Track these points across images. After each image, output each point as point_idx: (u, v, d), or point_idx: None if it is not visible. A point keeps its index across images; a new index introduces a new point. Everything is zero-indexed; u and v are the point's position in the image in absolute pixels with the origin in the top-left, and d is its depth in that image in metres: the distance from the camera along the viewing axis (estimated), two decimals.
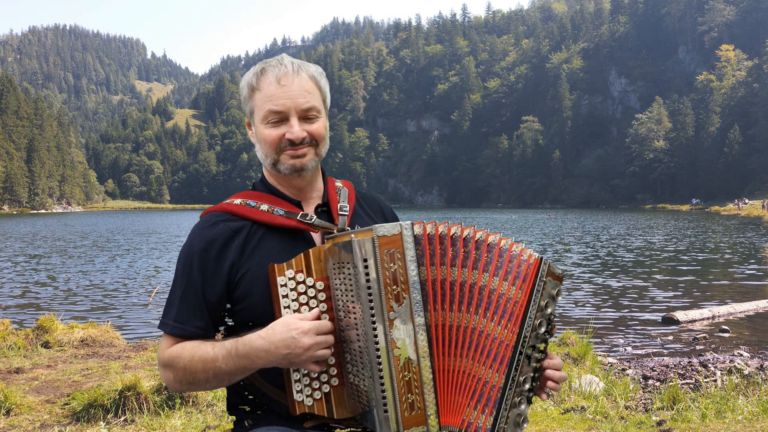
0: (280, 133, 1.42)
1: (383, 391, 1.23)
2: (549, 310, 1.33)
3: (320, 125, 1.45)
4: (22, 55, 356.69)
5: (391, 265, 1.23)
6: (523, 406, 1.32)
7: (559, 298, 1.35)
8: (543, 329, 1.33)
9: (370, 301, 1.22)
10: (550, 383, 1.38)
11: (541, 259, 1.31)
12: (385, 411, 1.23)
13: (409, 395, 1.24)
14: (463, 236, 1.31)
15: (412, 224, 1.27)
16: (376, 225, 1.24)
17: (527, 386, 1.32)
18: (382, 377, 1.23)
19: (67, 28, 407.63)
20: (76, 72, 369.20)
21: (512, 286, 1.29)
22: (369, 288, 1.22)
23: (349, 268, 1.27)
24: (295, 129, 1.41)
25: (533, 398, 1.35)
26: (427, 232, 1.28)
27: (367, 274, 1.22)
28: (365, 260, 1.22)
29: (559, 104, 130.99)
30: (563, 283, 1.38)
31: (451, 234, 1.30)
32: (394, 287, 1.23)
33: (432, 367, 1.26)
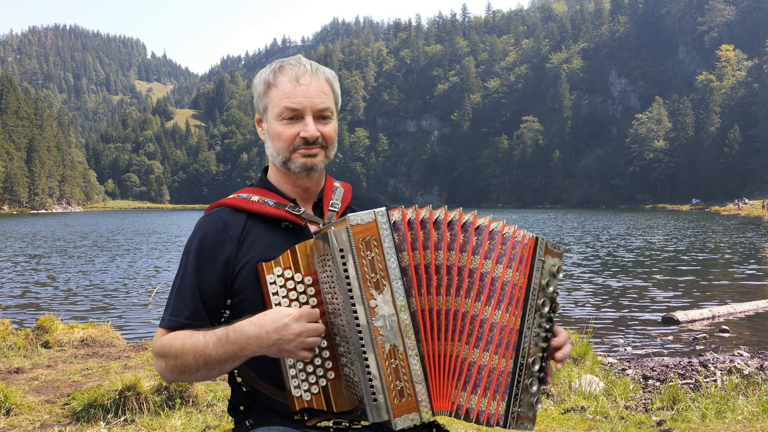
0: (295, 132, 1.44)
1: (370, 380, 1.22)
2: (551, 289, 1.33)
3: (332, 128, 1.48)
4: (22, 55, 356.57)
5: (368, 253, 1.22)
6: (534, 388, 1.33)
7: (560, 275, 1.36)
8: (547, 308, 1.33)
9: (350, 290, 1.22)
10: (556, 364, 1.40)
11: (537, 238, 1.32)
12: (375, 399, 1.22)
13: (398, 382, 1.23)
14: (448, 220, 1.31)
15: (387, 210, 1.26)
16: (350, 214, 1.24)
17: (537, 367, 1.33)
18: (368, 366, 1.22)
19: (67, 28, 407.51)
20: (76, 72, 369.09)
21: (508, 269, 1.30)
22: (347, 278, 1.22)
23: (329, 259, 1.27)
24: (310, 128, 1.43)
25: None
26: (407, 218, 1.28)
27: (344, 265, 1.22)
28: (341, 250, 1.22)
29: (559, 104, 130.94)
30: (563, 258, 1.39)
31: (434, 218, 1.30)
32: (373, 275, 1.22)
33: (420, 353, 1.25)
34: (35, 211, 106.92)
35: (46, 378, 4.70)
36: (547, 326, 1.34)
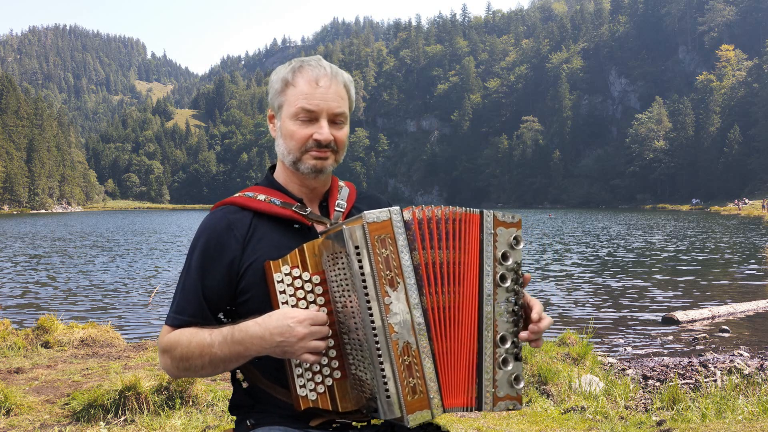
0: (309, 133, 1.44)
1: (384, 377, 1.22)
2: (510, 261, 1.32)
3: (345, 133, 1.49)
4: (22, 55, 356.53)
5: (383, 250, 1.23)
6: (510, 365, 1.32)
7: (521, 245, 1.34)
8: (508, 281, 1.32)
9: (365, 287, 1.22)
10: (533, 330, 1.39)
11: (482, 212, 1.33)
12: (388, 396, 1.22)
13: (411, 379, 1.23)
14: (444, 218, 1.32)
15: (401, 210, 1.27)
16: (365, 212, 1.24)
17: (508, 344, 1.32)
18: (381, 362, 1.22)
19: (67, 28, 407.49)
20: (76, 72, 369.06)
21: (459, 252, 1.31)
22: (362, 275, 1.22)
23: (342, 259, 1.26)
24: (325, 131, 1.43)
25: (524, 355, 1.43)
26: (417, 217, 1.29)
27: (359, 262, 1.22)
28: (357, 247, 1.22)
29: (559, 104, 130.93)
30: (522, 227, 1.36)
31: (438, 217, 1.32)
32: (388, 272, 1.23)
33: (432, 350, 1.26)
34: (35, 211, 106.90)
35: (46, 378, 4.70)
36: (513, 299, 1.33)
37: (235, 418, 1.50)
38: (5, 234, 37.26)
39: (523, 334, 1.37)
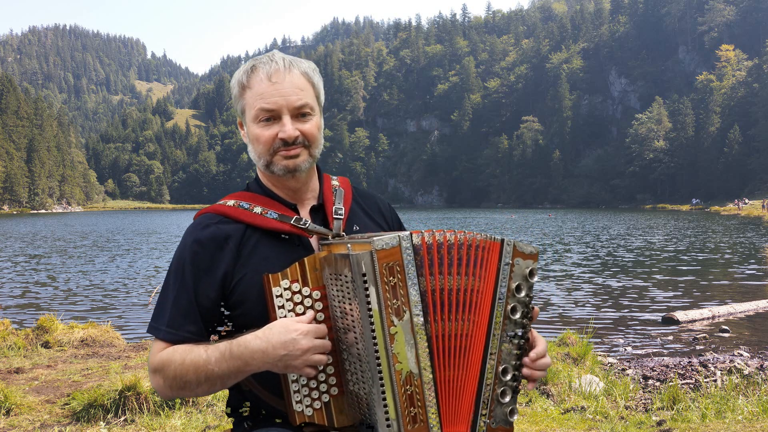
0: (273, 133, 1.38)
1: (385, 406, 1.21)
2: (523, 293, 1.30)
3: (313, 125, 1.41)
4: (22, 55, 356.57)
5: (391, 278, 1.20)
6: (507, 398, 1.30)
7: (535, 278, 1.32)
8: (518, 314, 1.30)
9: (370, 316, 1.19)
10: (528, 371, 1.34)
11: (503, 241, 1.28)
12: (388, 425, 1.21)
13: (412, 408, 1.22)
14: (457, 242, 1.27)
15: (411, 234, 1.23)
16: (374, 237, 1.20)
17: (509, 376, 1.30)
18: (383, 392, 1.20)
19: (67, 28, 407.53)
20: (76, 72, 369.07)
21: (476, 279, 1.27)
22: (368, 303, 1.19)
23: (346, 278, 1.23)
24: (288, 128, 1.37)
25: (524, 388, 1.31)
26: (426, 242, 1.24)
27: (366, 290, 1.19)
28: (364, 275, 1.18)
29: (559, 104, 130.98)
30: (538, 260, 1.34)
31: (448, 241, 1.26)
32: (395, 301, 1.20)
33: (434, 380, 1.24)
34: (35, 211, 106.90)
35: (46, 378, 4.70)
36: (520, 333, 1.30)
37: (233, 419, 1.48)
38: (5, 234, 37.26)
39: (525, 371, 1.34)
